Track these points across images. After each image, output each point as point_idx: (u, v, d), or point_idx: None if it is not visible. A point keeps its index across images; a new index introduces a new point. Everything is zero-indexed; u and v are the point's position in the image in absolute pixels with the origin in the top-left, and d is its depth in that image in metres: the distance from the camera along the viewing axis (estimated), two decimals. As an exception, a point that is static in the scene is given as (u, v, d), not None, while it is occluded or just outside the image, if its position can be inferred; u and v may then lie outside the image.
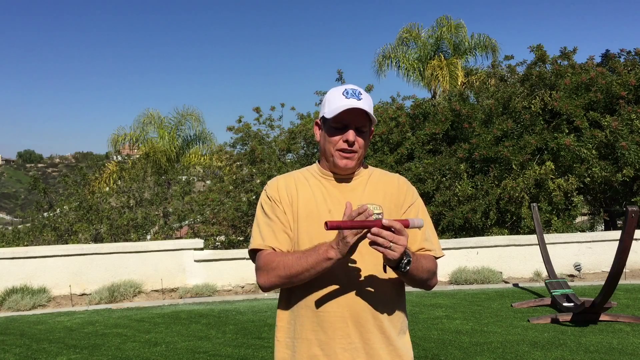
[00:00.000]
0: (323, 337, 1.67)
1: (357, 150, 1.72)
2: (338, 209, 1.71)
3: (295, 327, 1.72)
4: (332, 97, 1.74)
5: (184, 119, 21.26)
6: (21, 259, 8.50)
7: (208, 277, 8.81)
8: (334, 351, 1.66)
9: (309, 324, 1.69)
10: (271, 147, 13.12)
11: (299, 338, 1.71)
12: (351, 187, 1.78)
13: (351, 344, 1.66)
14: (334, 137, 1.72)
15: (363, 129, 1.73)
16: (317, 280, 1.66)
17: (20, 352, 5.30)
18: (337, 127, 1.72)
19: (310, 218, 1.71)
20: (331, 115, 1.71)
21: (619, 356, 4.60)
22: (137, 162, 18.90)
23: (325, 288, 1.67)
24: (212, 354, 5.06)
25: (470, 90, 14.10)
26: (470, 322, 5.97)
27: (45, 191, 14.37)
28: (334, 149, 1.73)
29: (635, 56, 12.25)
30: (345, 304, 1.66)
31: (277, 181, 1.81)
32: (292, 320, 1.73)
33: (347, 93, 1.72)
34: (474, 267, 8.84)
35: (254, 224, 1.80)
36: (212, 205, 12.53)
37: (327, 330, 1.66)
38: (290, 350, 1.73)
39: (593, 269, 9.09)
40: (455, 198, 10.75)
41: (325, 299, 1.66)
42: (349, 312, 1.66)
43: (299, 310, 1.71)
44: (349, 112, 1.69)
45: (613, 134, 10.31)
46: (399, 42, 18.97)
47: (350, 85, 1.77)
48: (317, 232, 1.68)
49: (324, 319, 1.67)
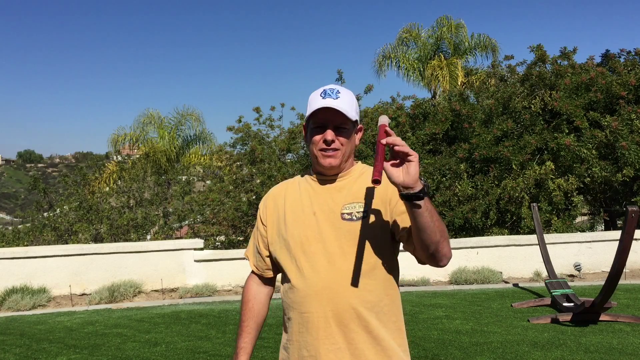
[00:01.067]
0: (309, 339, 1.68)
1: (338, 148, 1.72)
2: (324, 210, 1.72)
3: (288, 329, 1.76)
4: (312, 99, 1.76)
5: (184, 119, 21.28)
6: (21, 259, 8.50)
7: (208, 277, 8.82)
8: (318, 352, 1.66)
9: (297, 325, 1.71)
10: (271, 147, 13.12)
11: (290, 340, 1.74)
12: (338, 187, 1.77)
13: (335, 344, 1.65)
14: (314, 137, 1.73)
15: (343, 126, 1.72)
16: (300, 281, 1.69)
17: (20, 352, 5.30)
18: (317, 127, 1.73)
19: (297, 222, 1.74)
20: (308, 115, 1.74)
21: (619, 356, 4.60)
22: (137, 162, 18.90)
23: (308, 289, 1.68)
24: (212, 354, 5.06)
25: (470, 90, 14.10)
26: (470, 322, 5.97)
27: (45, 191, 14.38)
28: (316, 149, 1.74)
29: (635, 56, 12.25)
30: (327, 304, 1.65)
31: (269, 193, 1.91)
32: (286, 322, 1.78)
33: (324, 93, 1.73)
34: (474, 267, 8.84)
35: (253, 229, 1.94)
36: (212, 205, 12.53)
37: (312, 331, 1.67)
38: (286, 352, 1.77)
39: (593, 269, 9.09)
40: (455, 198, 10.75)
41: (308, 300, 1.67)
42: (332, 312, 1.65)
43: (290, 312, 1.74)
44: (325, 111, 1.69)
45: (613, 134, 10.31)
46: (399, 42, 18.99)
47: (331, 85, 1.77)
48: (304, 235, 1.71)
49: (307, 320, 1.68)
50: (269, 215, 1.84)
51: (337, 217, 1.70)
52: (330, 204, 1.74)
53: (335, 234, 1.69)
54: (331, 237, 1.69)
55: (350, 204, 1.72)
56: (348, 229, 1.69)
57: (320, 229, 1.70)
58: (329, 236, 1.69)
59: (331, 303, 1.66)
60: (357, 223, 1.69)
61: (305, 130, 1.84)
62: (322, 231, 1.70)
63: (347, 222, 1.69)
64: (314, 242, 1.69)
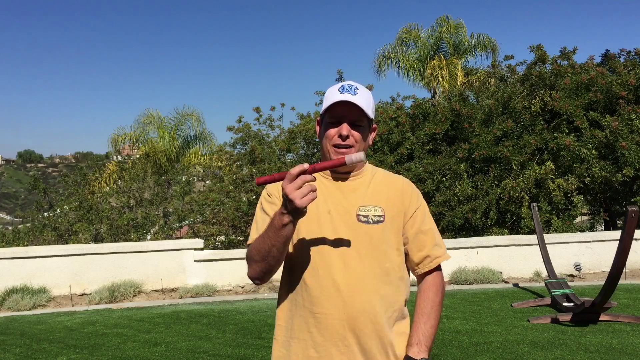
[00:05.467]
0: (319, 339, 1.65)
1: (352, 145, 1.70)
2: (338, 210, 1.70)
3: (292, 327, 1.70)
4: (329, 94, 1.74)
5: (184, 119, 21.29)
6: (21, 259, 8.50)
7: (208, 277, 8.82)
8: (329, 353, 1.64)
9: (305, 324, 1.67)
10: (271, 147, 13.12)
11: (295, 338, 1.69)
12: (352, 187, 1.75)
13: (347, 347, 1.64)
14: (329, 132, 1.72)
15: (359, 123, 1.71)
16: (314, 280, 1.65)
17: (20, 352, 5.30)
18: (332, 122, 1.71)
19: (310, 218, 1.69)
20: (325, 109, 1.71)
21: (619, 356, 4.60)
22: (137, 162, 18.91)
23: (323, 289, 1.65)
24: (212, 354, 5.05)
25: (470, 90, 14.09)
26: (470, 322, 5.97)
27: (45, 191, 14.38)
28: (330, 144, 1.71)
29: (635, 56, 12.24)
30: (342, 307, 1.63)
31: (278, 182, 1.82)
32: (289, 319, 1.72)
33: (342, 88, 1.71)
34: (474, 267, 8.84)
35: (253, 221, 1.79)
36: (212, 205, 12.53)
37: (324, 332, 1.64)
38: (285, 349, 1.72)
39: (593, 269, 9.09)
40: (455, 198, 10.75)
41: (322, 300, 1.64)
42: (346, 315, 1.63)
43: (297, 310, 1.69)
44: (342, 105, 1.68)
45: (613, 134, 10.30)
46: (398, 42, 18.99)
47: (349, 81, 1.76)
48: (319, 233, 1.67)
49: (320, 321, 1.65)
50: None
51: (353, 218, 1.68)
52: (344, 203, 1.71)
53: (351, 235, 1.67)
54: (347, 238, 1.67)
55: (366, 206, 1.71)
56: (364, 231, 1.67)
57: (336, 229, 1.67)
58: (344, 237, 1.67)
59: (346, 306, 1.63)
60: (373, 227, 1.68)
61: (319, 124, 1.82)
62: (338, 231, 1.67)
63: (363, 225, 1.68)
64: (330, 241, 1.66)
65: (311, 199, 1.48)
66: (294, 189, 1.47)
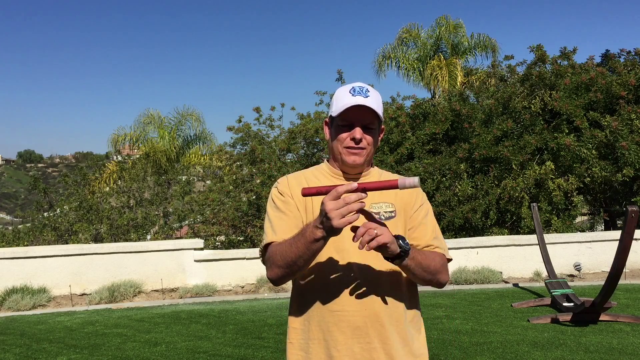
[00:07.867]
0: (341, 337, 1.64)
1: (365, 147, 1.71)
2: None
3: (310, 328, 1.69)
4: (340, 95, 1.73)
5: (184, 119, 21.29)
6: (21, 259, 8.50)
7: (208, 277, 8.82)
8: (352, 351, 1.64)
9: (325, 324, 1.66)
10: (271, 147, 13.12)
11: (314, 339, 1.68)
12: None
13: (370, 344, 1.64)
14: (341, 135, 1.71)
15: (371, 126, 1.71)
16: (333, 280, 1.66)
17: (20, 352, 5.30)
18: (344, 125, 1.71)
19: None
20: (337, 113, 1.70)
21: (619, 356, 4.60)
22: (137, 162, 18.91)
23: (342, 288, 1.65)
24: (212, 354, 5.06)
25: (470, 90, 14.09)
26: (470, 322, 5.97)
27: (45, 191, 14.37)
28: (342, 147, 1.71)
29: (635, 56, 12.24)
30: (362, 304, 1.64)
31: (288, 179, 1.79)
32: (306, 322, 1.70)
33: (354, 91, 1.70)
34: (474, 267, 8.85)
35: (266, 220, 1.76)
36: (212, 205, 12.53)
37: (345, 330, 1.64)
38: (303, 351, 1.70)
39: (593, 269, 9.09)
40: (455, 198, 10.75)
41: (342, 299, 1.64)
42: (367, 311, 1.64)
43: (314, 311, 1.68)
44: (355, 109, 1.67)
45: (613, 134, 10.30)
46: (398, 42, 18.99)
47: (359, 83, 1.75)
48: None
49: (341, 319, 1.64)
50: (296, 195, 1.72)
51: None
52: None
53: None
54: None
55: (376, 203, 1.72)
56: None
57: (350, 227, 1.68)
58: None
59: (367, 302, 1.64)
60: (385, 223, 1.67)
61: (327, 126, 1.81)
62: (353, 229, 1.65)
63: None
64: (346, 239, 1.63)
65: (348, 221, 1.43)
66: (334, 208, 1.42)
